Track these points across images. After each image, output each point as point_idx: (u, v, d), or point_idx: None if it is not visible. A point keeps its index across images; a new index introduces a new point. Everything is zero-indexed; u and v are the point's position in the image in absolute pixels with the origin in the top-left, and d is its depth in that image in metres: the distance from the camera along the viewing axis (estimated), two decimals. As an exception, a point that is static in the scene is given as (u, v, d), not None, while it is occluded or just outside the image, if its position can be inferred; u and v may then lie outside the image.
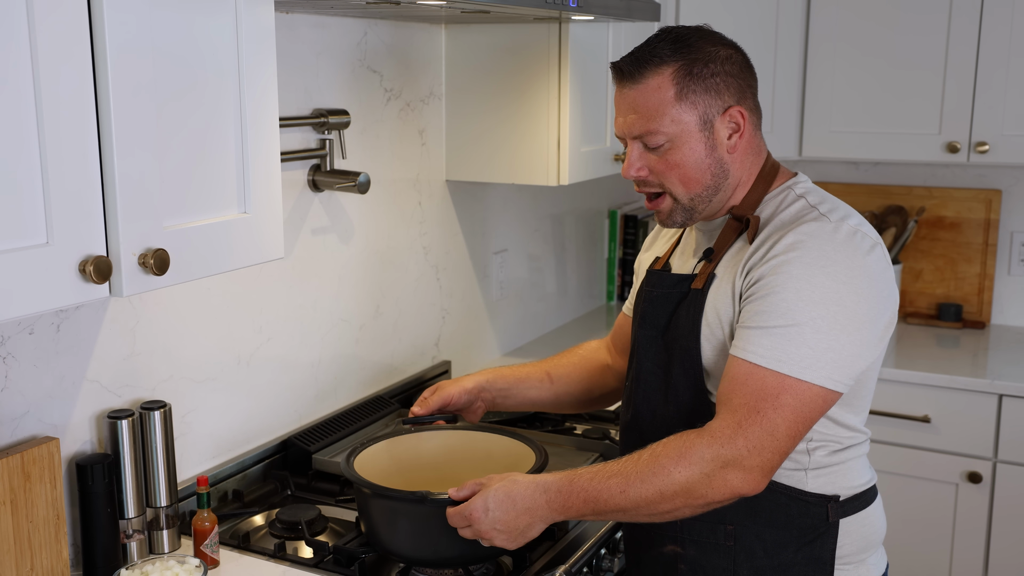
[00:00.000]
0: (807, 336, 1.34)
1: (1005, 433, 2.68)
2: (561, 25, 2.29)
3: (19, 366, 1.54)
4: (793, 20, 2.98)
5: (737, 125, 1.47)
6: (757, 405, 1.35)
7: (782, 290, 1.36)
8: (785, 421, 1.35)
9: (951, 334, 3.14)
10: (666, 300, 1.54)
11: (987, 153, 2.83)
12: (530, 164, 2.39)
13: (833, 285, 1.35)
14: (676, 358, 1.51)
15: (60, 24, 1.15)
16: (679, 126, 1.45)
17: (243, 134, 1.43)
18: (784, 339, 1.35)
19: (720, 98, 1.45)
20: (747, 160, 1.50)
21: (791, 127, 3.05)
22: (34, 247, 1.16)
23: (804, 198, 1.47)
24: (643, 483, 1.37)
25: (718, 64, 1.45)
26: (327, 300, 2.18)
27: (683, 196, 1.49)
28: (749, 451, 1.34)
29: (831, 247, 1.37)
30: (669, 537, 1.56)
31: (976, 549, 2.75)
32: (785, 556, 1.48)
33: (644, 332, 1.56)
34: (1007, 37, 2.76)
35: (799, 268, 1.36)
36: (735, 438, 1.35)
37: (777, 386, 1.34)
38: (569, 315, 3.31)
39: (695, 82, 1.44)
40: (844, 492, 1.49)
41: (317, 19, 2.04)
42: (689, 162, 1.46)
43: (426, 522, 1.56)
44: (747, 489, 1.36)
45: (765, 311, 1.37)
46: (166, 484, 1.68)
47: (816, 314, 1.35)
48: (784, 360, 1.35)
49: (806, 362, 1.34)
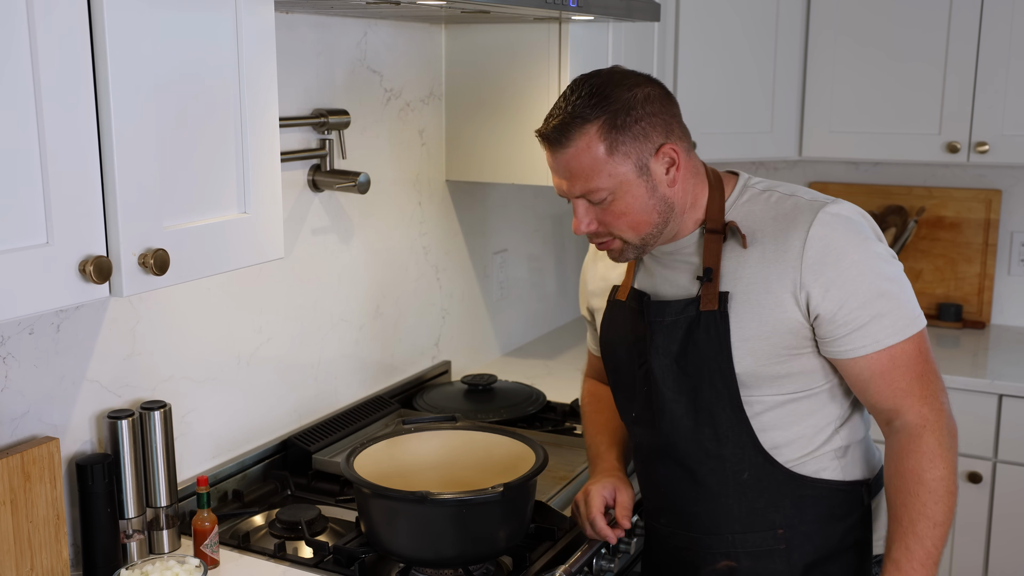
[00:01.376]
0: (899, 297, 1.48)
1: (1005, 433, 2.68)
2: (561, 25, 2.29)
3: (19, 366, 1.54)
4: (793, 20, 2.98)
5: (672, 160, 1.49)
6: (918, 371, 1.48)
7: (859, 278, 1.46)
8: (932, 361, 1.51)
9: (951, 334, 3.14)
10: (676, 327, 1.55)
11: (987, 153, 2.83)
12: (530, 164, 2.39)
13: (879, 248, 1.50)
14: (705, 380, 1.53)
15: (60, 24, 1.15)
16: (616, 178, 1.46)
17: (243, 134, 1.43)
18: (893, 313, 1.47)
19: (649, 141, 1.46)
20: (689, 184, 1.53)
21: (791, 127, 3.05)
22: (34, 247, 1.16)
23: (772, 191, 1.55)
24: (939, 503, 1.47)
25: (639, 108, 1.45)
26: (327, 300, 2.18)
27: (634, 239, 1.52)
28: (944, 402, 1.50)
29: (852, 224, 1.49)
30: (721, 554, 1.60)
31: (976, 549, 2.75)
32: (832, 545, 1.57)
33: (659, 361, 1.56)
34: (1007, 37, 2.76)
35: (852, 254, 1.46)
36: (935, 408, 1.48)
37: (915, 347, 1.48)
38: (569, 315, 3.31)
39: (621, 133, 1.44)
40: (870, 473, 1.60)
41: (317, 19, 2.04)
42: (634, 208, 1.48)
43: (426, 522, 1.56)
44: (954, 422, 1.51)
45: (863, 306, 1.46)
46: (166, 484, 1.68)
47: (889, 277, 1.48)
48: (902, 327, 1.47)
49: (913, 314, 1.49)
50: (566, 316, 3.30)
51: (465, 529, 1.57)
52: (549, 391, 2.43)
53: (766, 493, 1.55)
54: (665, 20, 2.82)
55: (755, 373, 1.51)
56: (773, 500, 1.55)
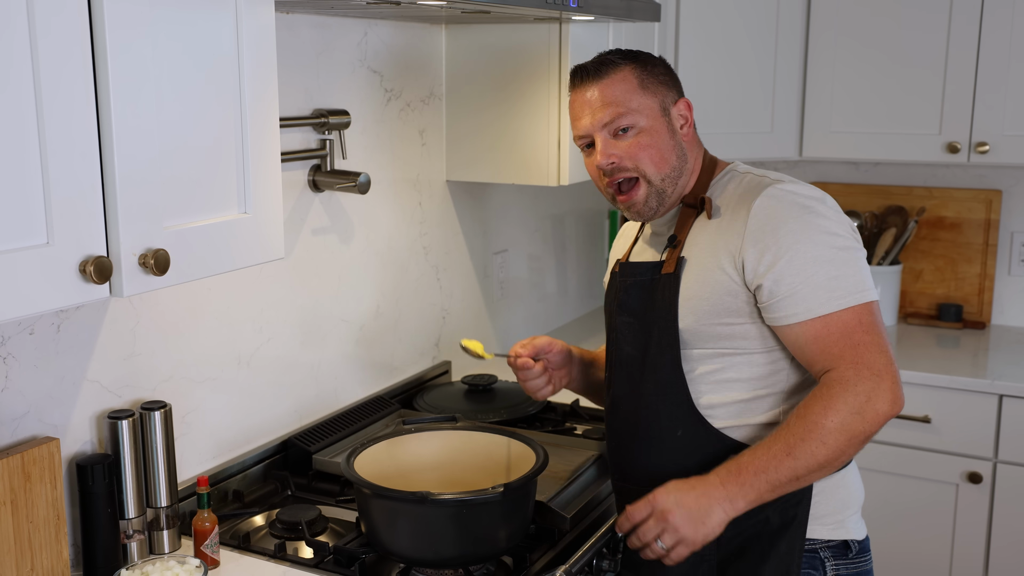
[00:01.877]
0: (842, 269, 1.50)
1: (1005, 433, 2.68)
2: (561, 25, 2.29)
3: (19, 366, 1.54)
4: (793, 20, 2.98)
5: (685, 118, 1.66)
6: (852, 339, 1.49)
7: (796, 246, 1.50)
8: (877, 335, 1.51)
9: (951, 334, 3.14)
10: (640, 287, 1.67)
11: (987, 153, 2.83)
12: (530, 164, 2.39)
13: (825, 223, 1.52)
14: (654, 337, 1.63)
15: (60, 24, 1.15)
16: (646, 111, 1.62)
17: (243, 134, 1.43)
18: (827, 284, 1.50)
19: (670, 91, 1.66)
20: (692, 151, 1.68)
21: (791, 127, 3.05)
22: (34, 247, 1.16)
23: (750, 173, 1.65)
24: (804, 441, 1.48)
25: (660, 67, 1.66)
26: (327, 300, 2.18)
27: (655, 177, 1.63)
28: (876, 375, 1.48)
29: (794, 199, 1.54)
30: None
31: (976, 549, 2.75)
32: (764, 515, 1.57)
33: (623, 319, 1.69)
34: (1007, 37, 2.76)
35: (792, 223, 1.51)
36: (860, 376, 1.48)
37: (854, 318, 1.50)
38: (569, 315, 3.31)
39: (650, 77, 1.64)
40: None
41: (317, 19, 2.04)
42: (658, 143, 1.62)
43: (426, 522, 1.56)
44: (895, 408, 1.50)
45: (796, 272, 1.50)
46: (166, 484, 1.68)
47: (834, 248, 1.51)
48: (841, 297, 1.49)
49: (858, 287, 1.50)
50: (566, 316, 3.30)
51: (465, 529, 1.57)
52: (549, 391, 2.43)
53: (698, 453, 1.60)
54: (665, 20, 2.82)
55: (695, 331, 1.59)
56: (704, 461, 1.57)
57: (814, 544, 1.60)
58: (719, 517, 1.50)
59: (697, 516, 1.50)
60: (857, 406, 1.47)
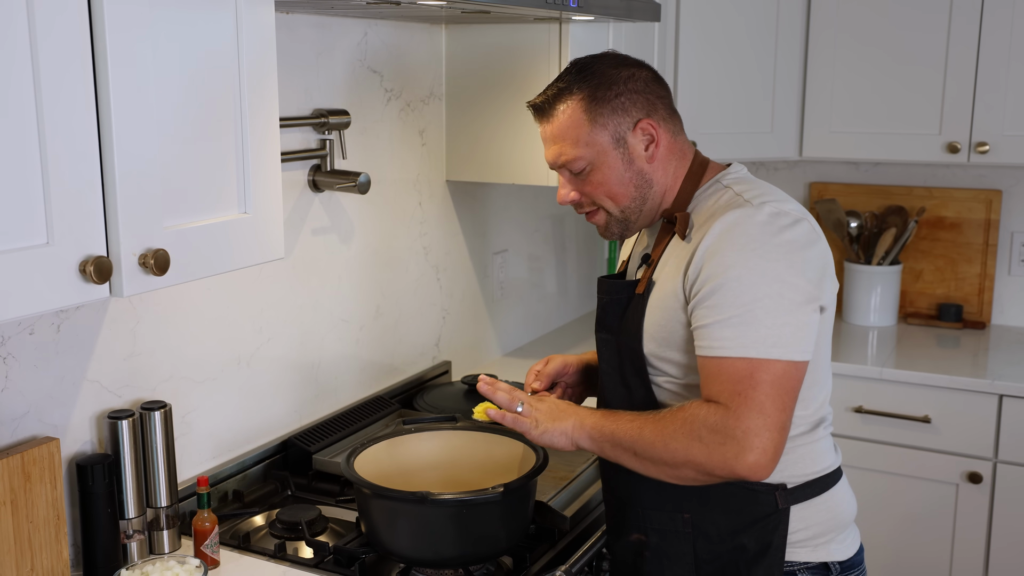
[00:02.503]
0: (761, 317, 1.40)
1: (1005, 433, 2.68)
2: (561, 25, 2.29)
3: (19, 366, 1.54)
4: (793, 21, 2.98)
5: (651, 136, 1.56)
6: (737, 388, 1.40)
7: (724, 281, 1.42)
8: (768, 397, 1.39)
9: (951, 334, 3.14)
10: (616, 305, 1.62)
11: (987, 153, 2.83)
12: (530, 164, 2.39)
13: (768, 264, 1.42)
14: (626, 359, 1.59)
15: (60, 24, 1.15)
16: (595, 148, 1.55)
17: (243, 134, 1.43)
18: (742, 326, 1.41)
19: (627, 115, 1.55)
20: (670, 166, 1.59)
21: (791, 127, 3.05)
22: (34, 247, 1.16)
23: (731, 188, 1.54)
24: (653, 428, 1.45)
25: (620, 84, 1.55)
26: (327, 300, 2.18)
27: (614, 210, 1.59)
28: (745, 432, 1.38)
29: (755, 229, 1.44)
30: (634, 526, 1.62)
31: (976, 549, 2.75)
32: (739, 540, 1.54)
33: (600, 335, 1.65)
34: (1007, 37, 2.76)
35: (732, 256, 1.43)
36: (727, 422, 1.39)
37: (748, 368, 1.40)
38: (569, 315, 3.31)
39: (601, 105, 1.54)
40: (792, 480, 1.54)
41: (317, 19, 2.04)
42: (611, 179, 1.56)
43: (426, 522, 1.56)
44: (750, 472, 1.39)
45: (716, 305, 1.42)
46: (166, 484, 1.68)
47: (762, 295, 1.41)
48: (748, 345, 1.40)
49: (769, 341, 1.40)
50: (566, 316, 3.30)
51: (465, 529, 1.57)
52: (549, 391, 2.43)
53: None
54: (665, 20, 2.82)
55: (659, 356, 1.54)
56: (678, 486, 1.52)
57: (792, 567, 1.55)
58: (569, 426, 1.53)
59: (554, 415, 1.55)
60: (710, 445, 1.40)
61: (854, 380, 2.81)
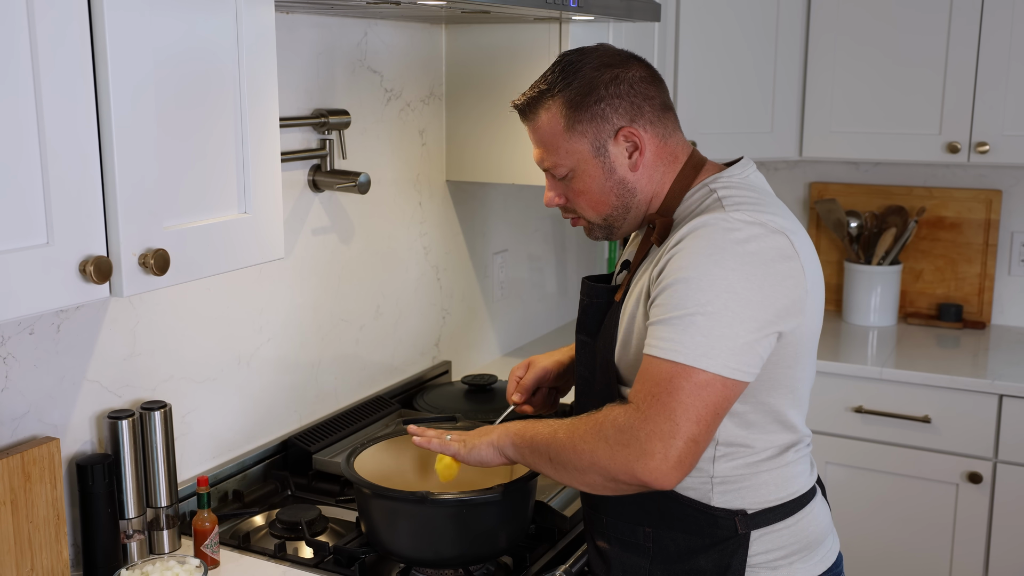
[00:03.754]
0: (700, 325, 1.33)
1: (1005, 433, 2.68)
2: (561, 25, 2.29)
3: (19, 366, 1.54)
4: (793, 20, 2.98)
5: (634, 144, 1.48)
6: (654, 391, 1.34)
7: (674, 282, 1.36)
8: (682, 405, 1.32)
9: (951, 334, 3.14)
10: (596, 309, 1.57)
11: (987, 153, 2.83)
12: (530, 164, 2.39)
13: (722, 273, 1.34)
14: (599, 365, 1.53)
15: (60, 25, 1.15)
16: (574, 156, 1.49)
17: (243, 134, 1.43)
18: (678, 329, 1.34)
19: (608, 123, 1.47)
20: (656, 172, 1.51)
21: (791, 127, 3.05)
22: (34, 247, 1.16)
23: (715, 192, 1.46)
24: (566, 431, 1.41)
25: (602, 88, 1.47)
26: (327, 300, 2.18)
27: (595, 218, 1.55)
28: (649, 436, 1.32)
29: (719, 236, 1.36)
30: (599, 532, 1.59)
31: (976, 549, 2.75)
32: (696, 562, 1.49)
33: (579, 338, 1.60)
34: (1007, 37, 2.76)
35: (688, 259, 1.36)
36: (633, 423, 1.34)
37: (671, 372, 1.33)
38: (569, 315, 3.31)
39: (580, 112, 1.47)
40: (753, 507, 1.47)
41: (317, 19, 2.04)
42: (592, 188, 1.51)
43: (426, 522, 1.56)
44: (651, 478, 1.33)
45: (662, 304, 1.37)
46: (166, 484, 1.68)
47: (706, 301, 1.33)
48: (678, 350, 1.33)
49: (700, 350, 1.33)
50: (566, 316, 3.30)
51: (465, 529, 1.57)
52: (549, 391, 2.43)
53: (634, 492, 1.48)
54: (665, 20, 2.82)
55: (627, 366, 1.48)
56: (640, 500, 1.49)
57: None
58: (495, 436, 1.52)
59: (483, 431, 1.55)
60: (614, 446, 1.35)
61: (854, 380, 2.81)
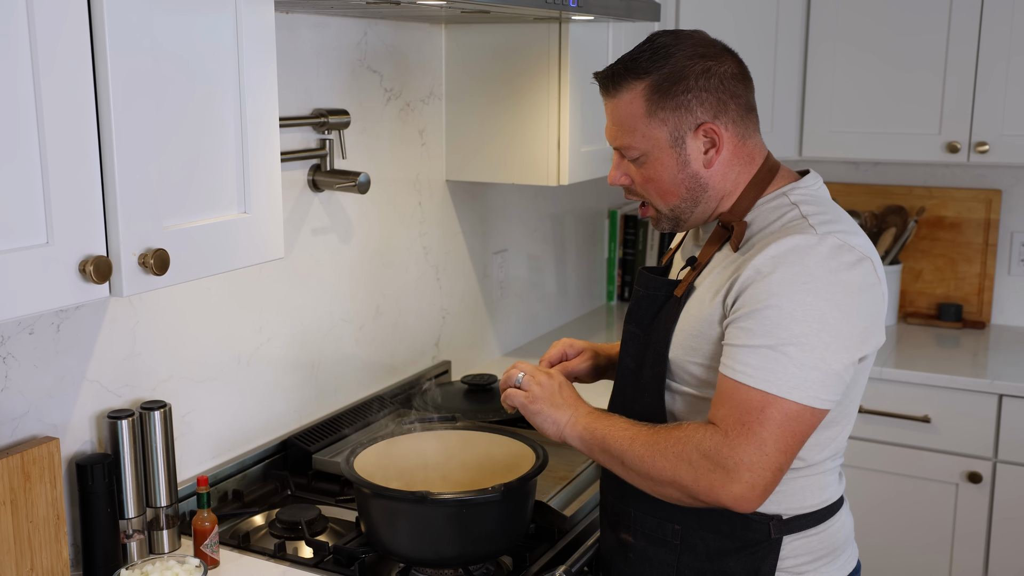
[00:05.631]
0: (792, 355, 1.33)
1: (1005, 433, 2.68)
2: (561, 25, 2.29)
3: (19, 366, 1.54)
4: (793, 20, 2.98)
5: (713, 141, 1.45)
6: (743, 419, 1.34)
7: (765, 308, 1.34)
8: (772, 436, 1.33)
9: (951, 334, 3.14)
10: (652, 302, 1.54)
11: (987, 153, 2.83)
12: (530, 164, 2.39)
13: (815, 302, 1.33)
14: (649, 358, 1.52)
15: (60, 24, 1.15)
16: (650, 142, 1.46)
17: (243, 134, 1.43)
18: (770, 359, 1.34)
19: (691, 115, 1.44)
20: (732, 172, 1.48)
21: (791, 127, 3.05)
22: (34, 247, 1.16)
23: (797, 207, 1.44)
24: (645, 441, 1.41)
25: (692, 80, 1.43)
26: (327, 300, 2.18)
27: (662, 207, 1.52)
28: (737, 464, 1.33)
29: (813, 262, 1.34)
30: (623, 526, 1.58)
31: (976, 549, 2.75)
32: (725, 563, 1.49)
33: (629, 328, 1.58)
34: (1007, 37, 2.76)
35: (780, 286, 1.34)
36: (721, 449, 1.34)
37: (763, 402, 1.34)
38: (569, 315, 3.31)
39: (665, 99, 1.43)
40: (788, 512, 1.48)
41: (317, 19, 2.04)
42: (662, 177, 1.48)
43: (426, 522, 1.56)
44: (735, 504, 1.35)
45: (750, 329, 1.35)
46: (166, 484, 1.68)
47: (799, 332, 1.33)
48: (771, 380, 1.33)
49: (793, 382, 1.33)
50: (566, 316, 3.30)
51: (465, 529, 1.58)
52: (549, 391, 2.43)
53: None
54: (665, 20, 2.82)
55: (681, 366, 1.47)
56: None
57: None
58: (564, 418, 1.51)
59: (553, 401, 1.53)
60: (699, 470, 1.35)
61: (854, 380, 2.81)
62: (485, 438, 1.81)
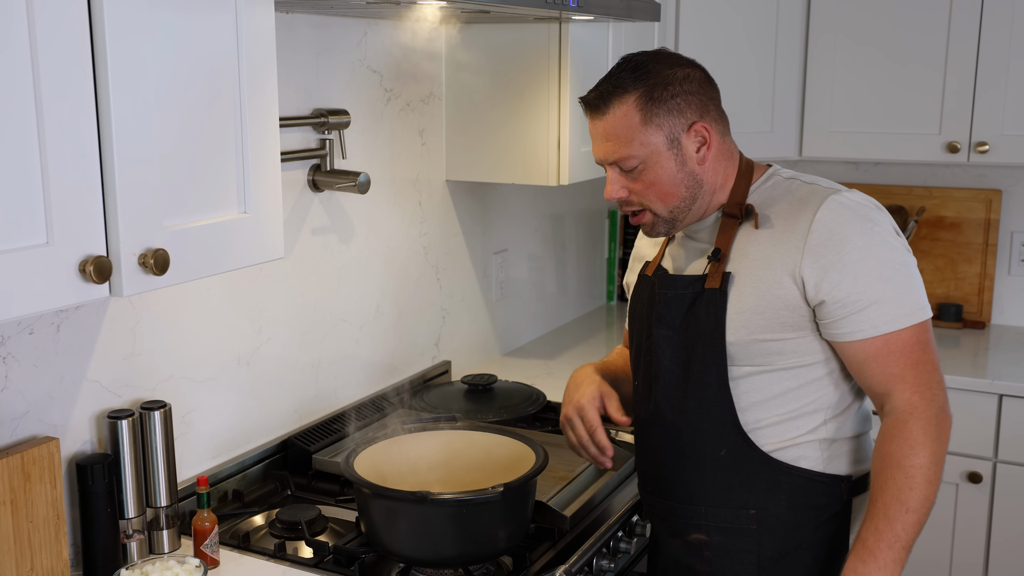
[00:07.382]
0: (906, 284, 1.50)
1: (1005, 433, 2.68)
2: (561, 25, 2.29)
3: (19, 366, 1.54)
4: (793, 20, 2.98)
5: (703, 139, 1.57)
6: (913, 359, 1.50)
7: (862, 266, 1.48)
8: (933, 353, 1.52)
9: (951, 334, 3.14)
10: (680, 301, 1.61)
11: (987, 153, 2.83)
12: (530, 164, 2.39)
13: (887, 238, 1.51)
14: (698, 354, 1.59)
15: (60, 24, 1.15)
16: (648, 148, 1.55)
17: (243, 134, 1.43)
18: (890, 302, 1.48)
19: (683, 116, 1.56)
20: (720, 167, 1.61)
21: (791, 127, 3.05)
22: (34, 247, 1.16)
23: (796, 179, 1.60)
24: (913, 490, 1.47)
25: (676, 85, 1.55)
26: (327, 300, 2.18)
27: (662, 211, 1.60)
28: (936, 392, 1.50)
29: (862, 208, 1.52)
30: (693, 526, 1.64)
31: (976, 549, 2.75)
32: (804, 535, 1.58)
33: (661, 332, 1.63)
34: (1007, 37, 2.76)
35: (860, 240, 1.49)
36: (926, 397, 1.49)
37: (913, 336, 1.50)
38: (569, 315, 3.31)
39: (657, 106, 1.54)
40: (856, 471, 1.60)
41: (317, 19, 2.04)
42: (663, 179, 1.57)
43: (426, 522, 1.56)
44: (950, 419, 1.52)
45: (861, 289, 1.48)
46: (166, 484, 1.68)
47: (899, 263, 1.50)
48: (901, 316, 1.49)
49: (914, 305, 1.50)
50: (566, 316, 3.30)
51: (465, 529, 1.57)
52: (549, 391, 2.43)
53: (741, 472, 1.59)
54: (665, 20, 2.82)
55: (747, 344, 1.55)
56: (748, 480, 1.58)
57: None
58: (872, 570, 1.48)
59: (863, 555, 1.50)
60: (935, 432, 1.48)
61: (854, 380, 2.81)
62: (485, 438, 1.81)
